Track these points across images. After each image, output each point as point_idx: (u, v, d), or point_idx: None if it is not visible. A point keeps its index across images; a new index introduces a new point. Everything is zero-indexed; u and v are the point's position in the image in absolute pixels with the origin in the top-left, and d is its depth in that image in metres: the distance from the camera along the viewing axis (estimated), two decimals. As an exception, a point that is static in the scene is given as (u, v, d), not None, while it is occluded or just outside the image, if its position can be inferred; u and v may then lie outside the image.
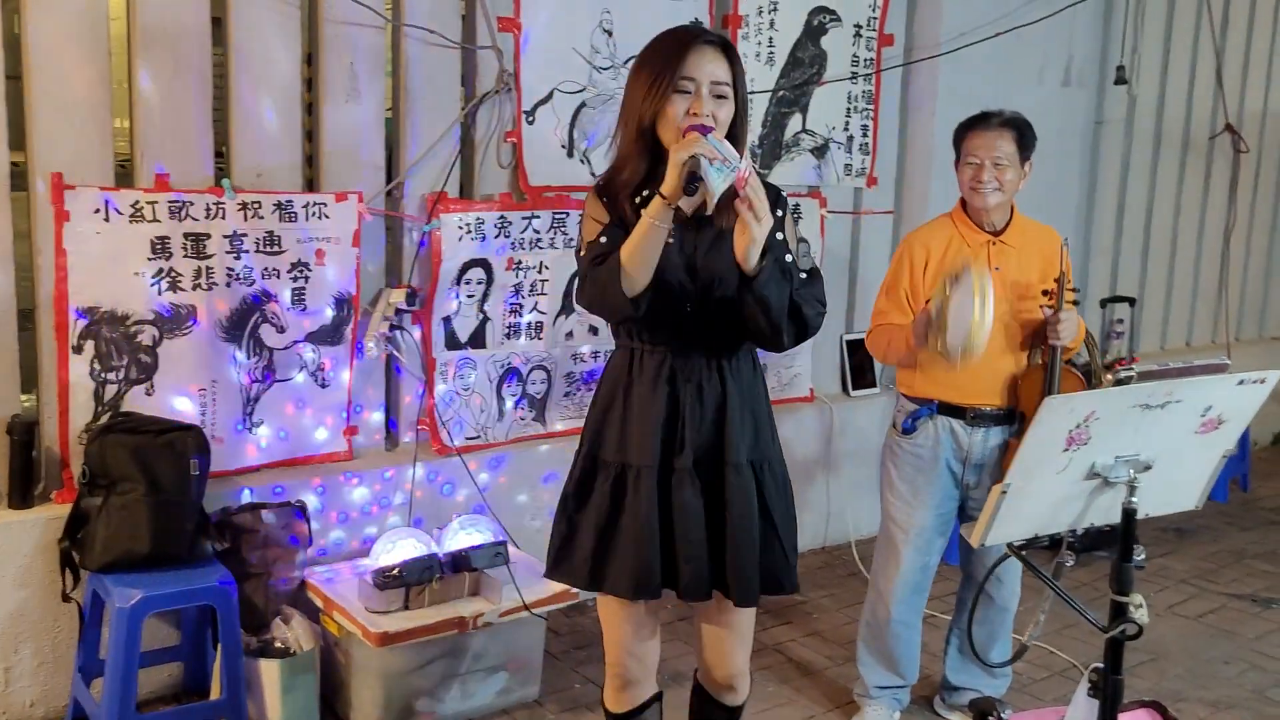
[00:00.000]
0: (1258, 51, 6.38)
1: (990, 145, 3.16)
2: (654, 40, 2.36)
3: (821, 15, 4.54)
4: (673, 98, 2.26)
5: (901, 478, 3.32)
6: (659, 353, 2.39)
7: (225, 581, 3.08)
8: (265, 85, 3.45)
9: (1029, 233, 3.29)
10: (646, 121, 2.30)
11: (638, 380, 2.39)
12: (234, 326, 3.47)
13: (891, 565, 3.35)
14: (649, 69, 2.30)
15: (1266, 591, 4.65)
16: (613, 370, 2.46)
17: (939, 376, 3.22)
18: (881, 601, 3.38)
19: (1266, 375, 2.01)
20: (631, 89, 2.33)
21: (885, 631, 3.37)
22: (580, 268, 2.37)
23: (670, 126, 2.27)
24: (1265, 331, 6.94)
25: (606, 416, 2.43)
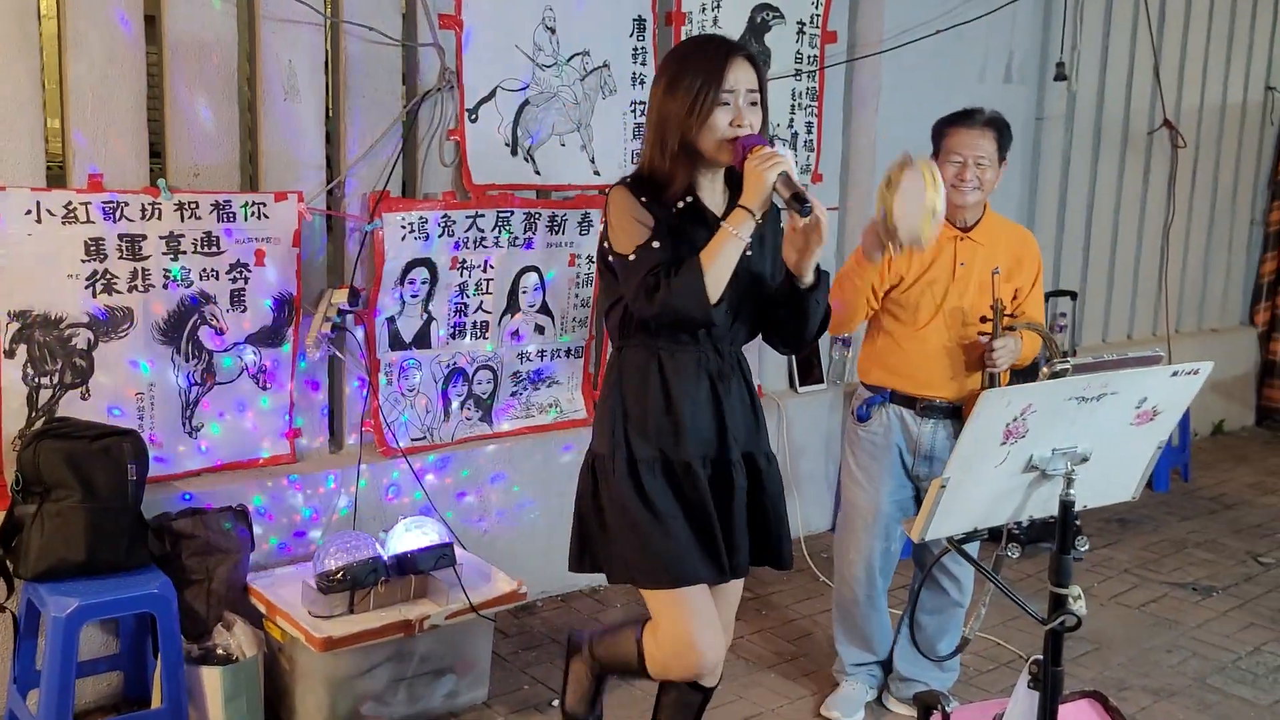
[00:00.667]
0: (1194, 47, 6.48)
1: (973, 144, 3.21)
2: (683, 52, 2.45)
3: (765, 12, 4.55)
4: (716, 110, 2.37)
5: (859, 464, 3.41)
6: (692, 350, 2.48)
7: (165, 589, 3.03)
8: (201, 84, 3.39)
9: (999, 231, 3.34)
10: (692, 135, 2.38)
11: (676, 377, 2.46)
12: (172, 329, 3.41)
13: (852, 549, 3.43)
14: (687, 82, 2.37)
15: (1207, 580, 4.73)
16: (633, 369, 2.50)
17: (893, 365, 3.31)
18: (845, 585, 3.47)
19: (1199, 366, 2.04)
20: (667, 102, 2.39)
21: (853, 613, 3.47)
22: (635, 268, 2.37)
23: (711, 137, 2.38)
24: (1204, 323, 7.06)
25: (639, 416, 2.48)
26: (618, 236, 2.42)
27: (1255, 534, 5.31)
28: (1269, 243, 7.19)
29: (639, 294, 2.36)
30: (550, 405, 4.27)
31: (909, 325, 3.29)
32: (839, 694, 3.54)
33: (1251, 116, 6.94)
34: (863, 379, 3.42)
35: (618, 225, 2.43)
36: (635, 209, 2.42)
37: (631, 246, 2.39)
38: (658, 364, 2.47)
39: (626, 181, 2.47)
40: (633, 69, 4.20)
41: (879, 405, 3.34)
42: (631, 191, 2.44)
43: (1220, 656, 4.04)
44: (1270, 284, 7.21)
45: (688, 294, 2.32)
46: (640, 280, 2.35)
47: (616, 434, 2.50)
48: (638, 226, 2.40)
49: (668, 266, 2.34)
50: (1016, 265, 3.31)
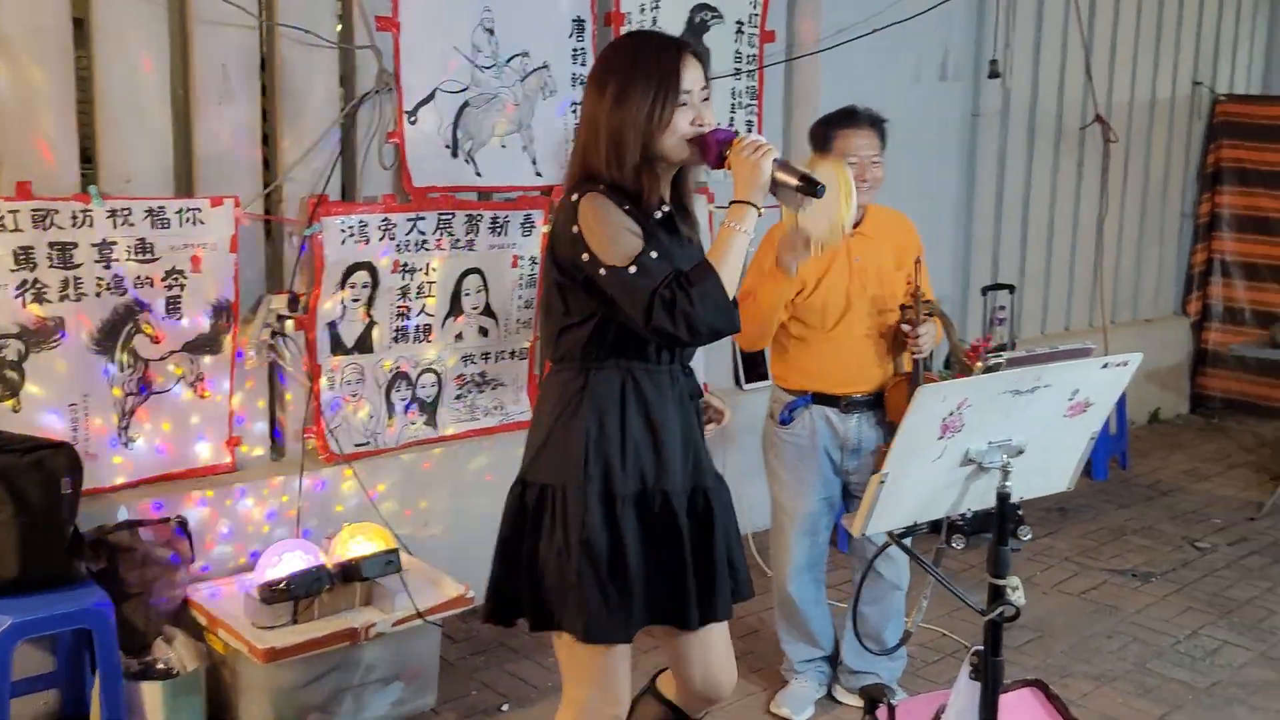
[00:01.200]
0: (1123, 44, 6.60)
1: (867, 144, 3.25)
2: (628, 56, 2.29)
3: (703, 12, 4.56)
4: (677, 113, 2.25)
5: (784, 466, 3.44)
6: (665, 369, 2.33)
7: (102, 604, 2.97)
8: (132, 88, 3.33)
9: (882, 222, 3.40)
10: (655, 143, 2.25)
11: (658, 401, 2.31)
12: (106, 338, 3.35)
13: (784, 551, 3.49)
14: (641, 88, 2.23)
15: (1145, 566, 4.83)
16: (606, 393, 2.29)
17: (811, 368, 3.36)
18: (781, 585, 3.52)
19: (1129, 358, 2.08)
20: (621, 111, 2.23)
21: (794, 611, 3.51)
22: (640, 281, 2.16)
23: (673, 139, 2.25)
24: (1139, 314, 7.20)
25: (624, 442, 2.28)
26: (605, 248, 2.20)
27: (1191, 520, 5.42)
28: (1199, 234, 7.34)
29: (653, 310, 2.15)
30: (495, 408, 4.25)
31: (819, 329, 3.32)
32: (788, 691, 3.57)
33: (1180, 111, 7.09)
34: (780, 384, 3.44)
35: (604, 235, 2.21)
36: (622, 217, 2.23)
37: (627, 258, 2.18)
38: (634, 386, 2.30)
39: (601, 189, 2.25)
40: (573, 70, 4.19)
41: (802, 408, 3.37)
42: (610, 197, 2.24)
43: (1159, 641, 4.12)
44: (1201, 274, 7.36)
45: (712, 304, 2.15)
46: (652, 295, 2.15)
47: (590, 465, 2.27)
48: (629, 236, 2.21)
49: (675, 277, 2.17)
50: (904, 252, 3.38)
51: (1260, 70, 7.65)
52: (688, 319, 2.14)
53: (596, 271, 2.21)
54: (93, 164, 3.38)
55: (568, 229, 2.25)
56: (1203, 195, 7.30)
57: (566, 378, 2.34)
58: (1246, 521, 5.39)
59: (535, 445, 2.38)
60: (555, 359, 2.38)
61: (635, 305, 2.17)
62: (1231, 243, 7.22)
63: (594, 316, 2.29)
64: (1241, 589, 4.60)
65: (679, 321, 2.14)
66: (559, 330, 2.34)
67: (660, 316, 2.15)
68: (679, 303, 2.14)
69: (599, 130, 2.26)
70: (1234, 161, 7.13)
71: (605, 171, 2.26)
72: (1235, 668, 3.93)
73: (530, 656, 3.86)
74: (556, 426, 2.32)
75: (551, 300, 2.35)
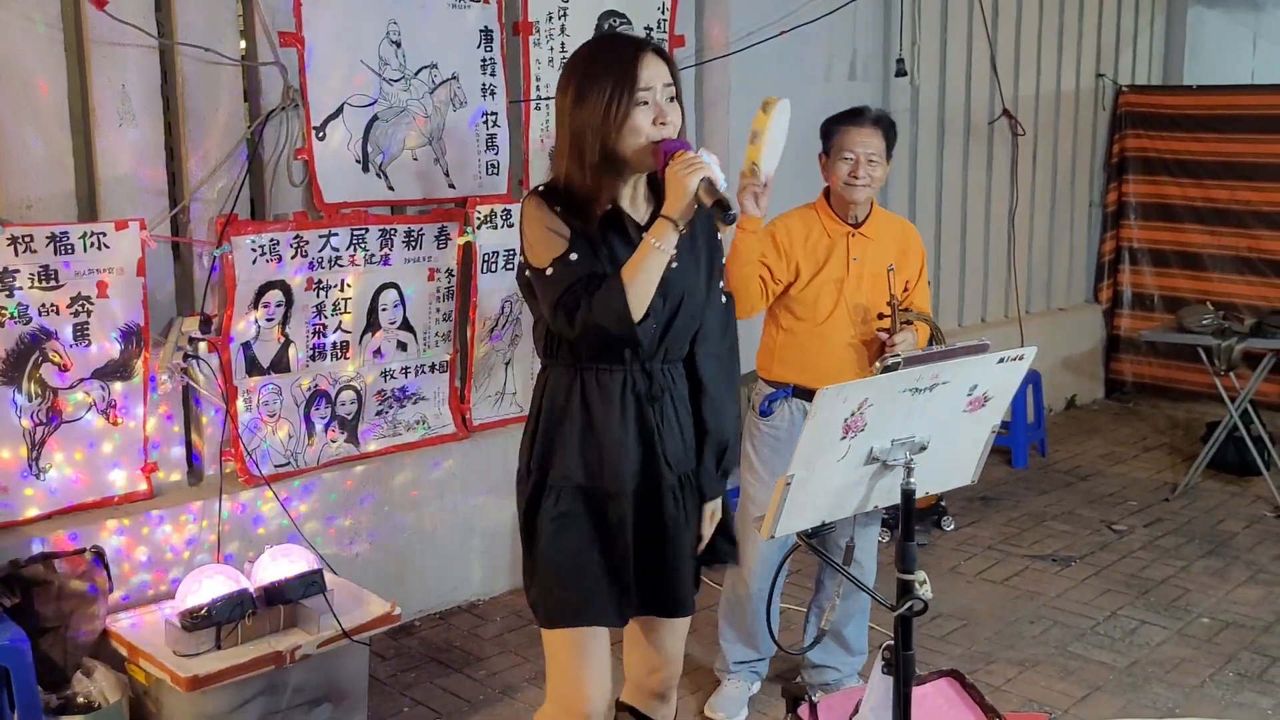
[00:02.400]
0: (1027, 39, 6.75)
1: (864, 141, 3.29)
2: (588, 55, 2.30)
3: (611, 19, 4.57)
4: (635, 111, 2.23)
5: (760, 459, 3.44)
6: (619, 372, 2.34)
7: (17, 640, 2.90)
8: (28, 112, 3.26)
9: (885, 225, 3.45)
10: (613, 142, 2.24)
11: (597, 401, 2.33)
12: (11, 368, 3.27)
13: (749, 544, 3.42)
14: (599, 86, 2.23)
15: (1065, 550, 4.94)
16: (554, 390, 2.38)
17: (795, 361, 3.37)
18: (741, 580, 3.48)
19: (1024, 352, 2.13)
20: (579, 112, 2.24)
21: (746, 608, 3.49)
22: (552, 284, 2.25)
23: (635, 141, 2.25)
24: (1053, 303, 7.35)
25: (556, 438, 2.36)
26: (533, 249, 2.29)
27: (1109, 503, 5.56)
28: (1108, 223, 7.52)
29: (557, 313, 2.24)
30: (418, 422, 4.23)
31: (809, 322, 3.35)
32: (722, 693, 3.57)
33: (1085, 103, 7.26)
34: (763, 375, 3.46)
35: (532, 237, 2.29)
36: (549, 219, 2.27)
37: (547, 259, 2.26)
38: (580, 386, 2.34)
39: (539, 190, 2.32)
40: (482, 80, 4.18)
41: (782, 400, 3.38)
42: (545, 200, 2.29)
43: (1080, 624, 4.22)
44: (1111, 262, 7.54)
45: (609, 312, 2.20)
46: (559, 298, 2.23)
47: (533, 455, 2.39)
48: (553, 238, 2.27)
49: (587, 282, 2.22)
50: (903, 258, 3.43)
51: (1160, 61, 7.86)
52: (581, 323, 2.23)
53: (526, 270, 2.34)
54: (-9, 190, 3.31)
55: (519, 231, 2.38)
56: (1110, 185, 7.48)
57: (540, 375, 2.47)
58: (1162, 503, 5.54)
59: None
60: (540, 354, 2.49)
61: (546, 305, 2.29)
62: (1139, 230, 7.41)
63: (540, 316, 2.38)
64: (1157, 569, 4.73)
65: (574, 326, 2.24)
66: (534, 327, 2.49)
67: (560, 318, 2.26)
68: (579, 307, 2.22)
69: (560, 130, 2.32)
70: (1138, 151, 7.32)
71: (562, 170, 2.30)
72: (1153, 646, 4.04)
73: (462, 670, 3.85)
74: (527, 422, 2.47)
75: (528, 301, 2.45)
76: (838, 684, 3.57)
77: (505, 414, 4.46)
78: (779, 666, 3.77)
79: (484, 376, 4.38)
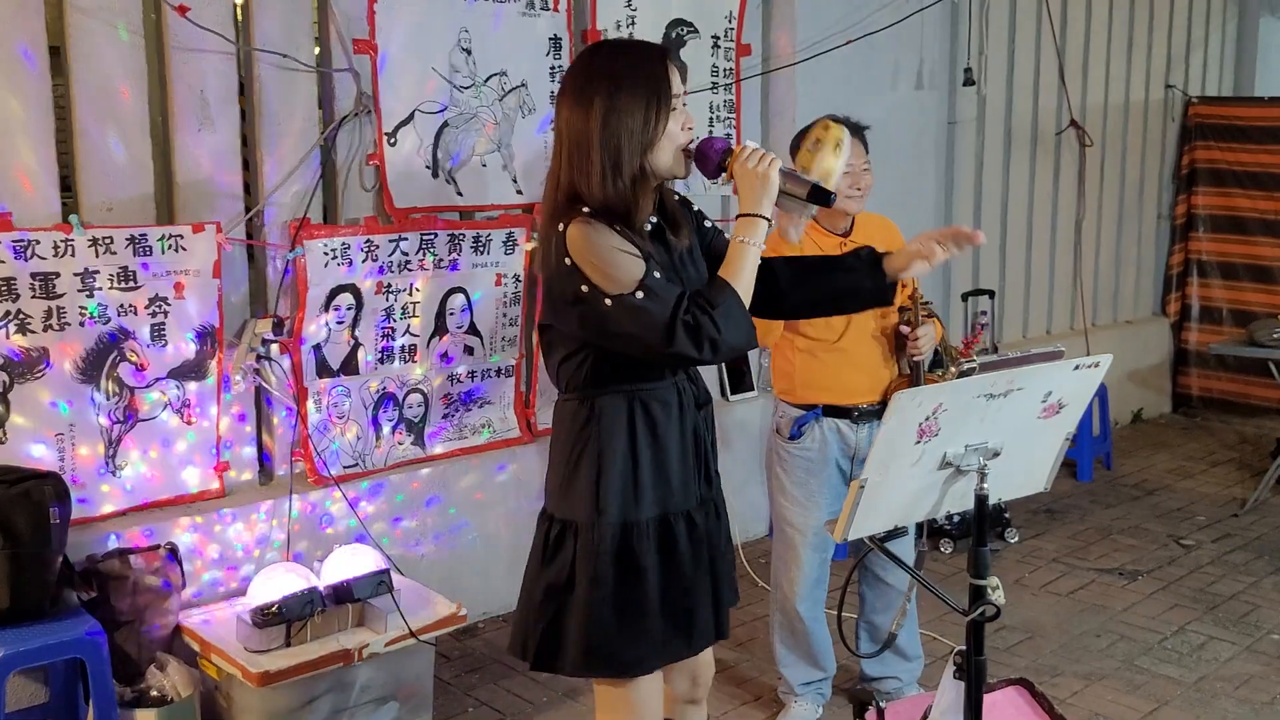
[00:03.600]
0: (1096, 49, 6.67)
1: (858, 153, 3.25)
2: (612, 64, 2.20)
3: (680, 28, 4.60)
4: (670, 119, 2.18)
5: (793, 482, 3.39)
6: (670, 386, 2.27)
7: (94, 632, 2.97)
8: (111, 116, 3.34)
9: (868, 228, 3.41)
10: (651, 152, 2.17)
11: (662, 421, 2.25)
12: (90, 367, 3.35)
13: (793, 567, 3.41)
14: (634, 95, 2.14)
15: (1132, 565, 4.86)
16: (610, 422, 2.23)
17: (819, 381, 3.33)
18: (788, 601, 3.44)
19: (1099, 360, 2.11)
20: (616, 120, 2.13)
21: (799, 629, 3.45)
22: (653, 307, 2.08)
23: (671, 147, 2.19)
24: (1119, 316, 7.25)
25: (635, 469, 2.24)
26: (603, 277, 2.10)
27: (1176, 518, 5.46)
28: (1176, 235, 7.40)
29: (675, 335, 2.07)
30: (483, 426, 4.26)
31: (826, 340, 3.31)
32: (789, 716, 3.52)
33: (1154, 114, 7.16)
34: (786, 399, 3.40)
35: (600, 264, 2.11)
36: (615, 240, 2.12)
37: (631, 283, 2.09)
38: (641, 408, 2.24)
39: (585, 214, 2.15)
40: (551, 88, 4.22)
41: (812, 422, 3.34)
42: (602, 220, 2.14)
43: (1147, 638, 4.15)
44: (1179, 275, 7.42)
45: (734, 324, 2.10)
46: (672, 320, 2.07)
47: (602, 499, 2.23)
48: (629, 259, 2.12)
49: (695, 298, 2.11)
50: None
51: (1231, 72, 7.74)
52: (713, 342, 2.09)
53: (600, 303, 2.11)
54: (73, 193, 3.39)
55: (559, 262, 2.14)
56: (1178, 197, 7.37)
57: (573, 408, 2.29)
58: (1230, 518, 5.44)
59: (553, 480, 2.34)
60: (561, 387, 2.34)
61: (652, 331, 2.09)
62: (1208, 243, 7.29)
63: (586, 348, 2.24)
64: (1226, 584, 4.64)
65: (703, 345, 2.09)
66: (560, 360, 2.30)
67: (683, 342, 2.08)
68: (704, 327, 2.08)
69: (589, 147, 2.15)
70: (1208, 162, 7.20)
71: (597, 190, 2.15)
72: (1221, 662, 3.96)
73: (525, 672, 3.86)
74: (570, 462, 2.28)
75: (545, 333, 2.31)
76: (899, 693, 3.54)
77: (568, 419, 4.48)
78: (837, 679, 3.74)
79: (549, 382, 4.39)
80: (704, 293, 2.14)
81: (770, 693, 3.68)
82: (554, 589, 2.29)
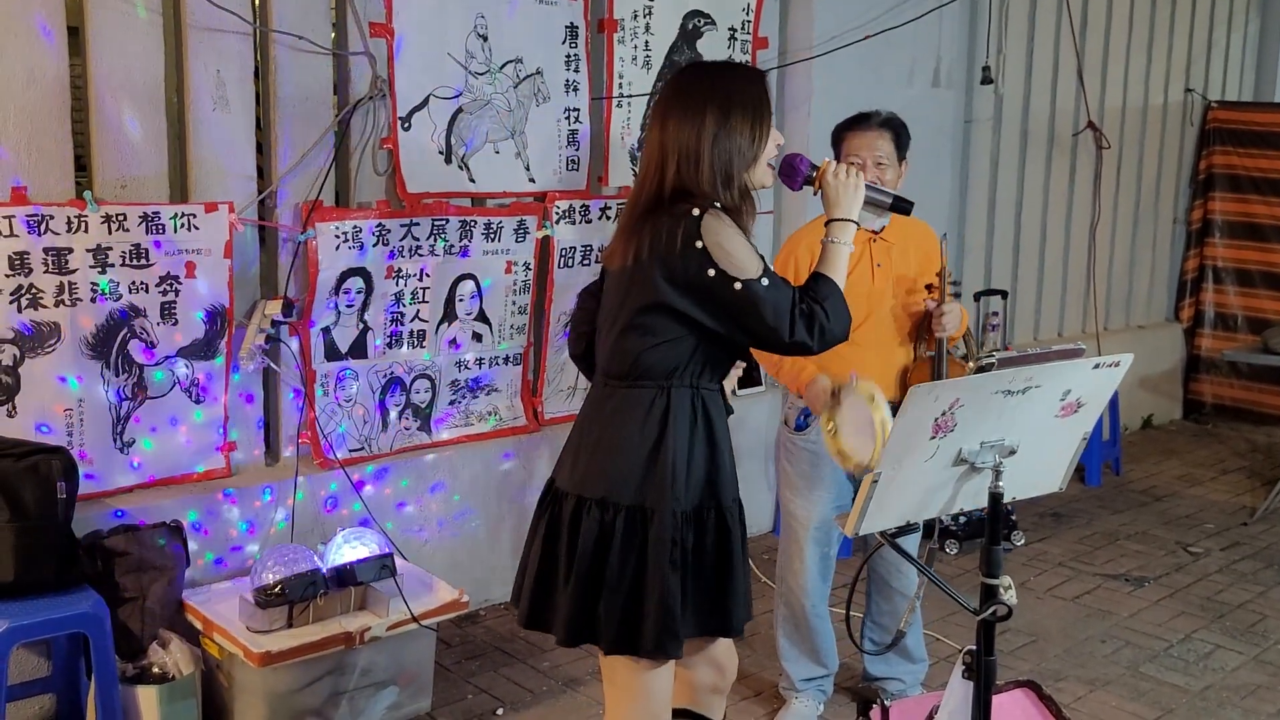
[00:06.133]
0: (1115, 51, 6.64)
1: (871, 145, 3.22)
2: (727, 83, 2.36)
3: (696, 19, 4.58)
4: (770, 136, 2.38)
5: (798, 473, 3.38)
6: (718, 390, 2.44)
7: (97, 608, 2.98)
8: (127, 95, 3.34)
9: (905, 229, 3.37)
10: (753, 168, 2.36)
11: (716, 418, 2.41)
12: (101, 343, 3.35)
13: (796, 560, 3.40)
14: (744, 114, 2.32)
15: (1138, 571, 4.84)
16: (679, 413, 2.34)
17: (831, 373, 3.27)
18: (793, 595, 3.43)
19: (1120, 359, 2.09)
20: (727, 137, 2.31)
21: (803, 624, 3.43)
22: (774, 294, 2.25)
23: (764, 161, 2.38)
24: (1132, 320, 7.22)
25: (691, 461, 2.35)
26: (736, 263, 2.24)
27: (1185, 524, 5.44)
28: (1191, 240, 7.37)
29: (795, 323, 2.26)
30: (489, 413, 4.26)
31: None
32: (790, 711, 3.50)
33: (1172, 117, 7.12)
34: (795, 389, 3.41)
35: (733, 251, 2.25)
36: (743, 235, 2.31)
37: (756, 271, 2.25)
38: (702, 405, 2.38)
39: (716, 207, 2.30)
40: (566, 76, 4.21)
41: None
42: (725, 216, 2.31)
43: (1153, 645, 4.13)
44: (1194, 280, 7.39)
45: (840, 317, 2.31)
46: (794, 307, 2.27)
47: (677, 486, 2.32)
48: (752, 252, 2.30)
49: (805, 291, 2.31)
50: (926, 260, 3.37)
51: (1251, 77, 7.69)
52: (823, 330, 2.28)
53: (728, 286, 2.23)
54: (87, 170, 3.40)
55: (688, 244, 2.24)
56: (1195, 201, 7.33)
57: (648, 396, 2.35)
58: (1239, 526, 5.41)
59: (620, 467, 2.35)
60: (628, 375, 2.37)
61: (776, 317, 2.25)
62: (1224, 249, 7.26)
63: (681, 337, 2.32)
64: (1234, 593, 4.61)
65: (815, 333, 2.28)
66: (648, 346, 2.34)
67: (800, 330, 2.27)
68: (817, 316, 2.28)
69: (698, 159, 2.30)
70: (1226, 168, 7.17)
71: (711, 196, 2.31)
72: (1228, 671, 3.94)
73: (525, 661, 3.87)
74: (643, 447, 2.33)
75: (633, 316, 2.34)
76: (902, 694, 3.53)
77: (576, 409, 4.46)
78: (839, 678, 3.73)
79: (556, 371, 4.40)
80: (812, 286, 2.32)
81: (771, 689, 3.67)
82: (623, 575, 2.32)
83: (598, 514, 2.34)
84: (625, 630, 2.32)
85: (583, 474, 2.38)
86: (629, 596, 2.32)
